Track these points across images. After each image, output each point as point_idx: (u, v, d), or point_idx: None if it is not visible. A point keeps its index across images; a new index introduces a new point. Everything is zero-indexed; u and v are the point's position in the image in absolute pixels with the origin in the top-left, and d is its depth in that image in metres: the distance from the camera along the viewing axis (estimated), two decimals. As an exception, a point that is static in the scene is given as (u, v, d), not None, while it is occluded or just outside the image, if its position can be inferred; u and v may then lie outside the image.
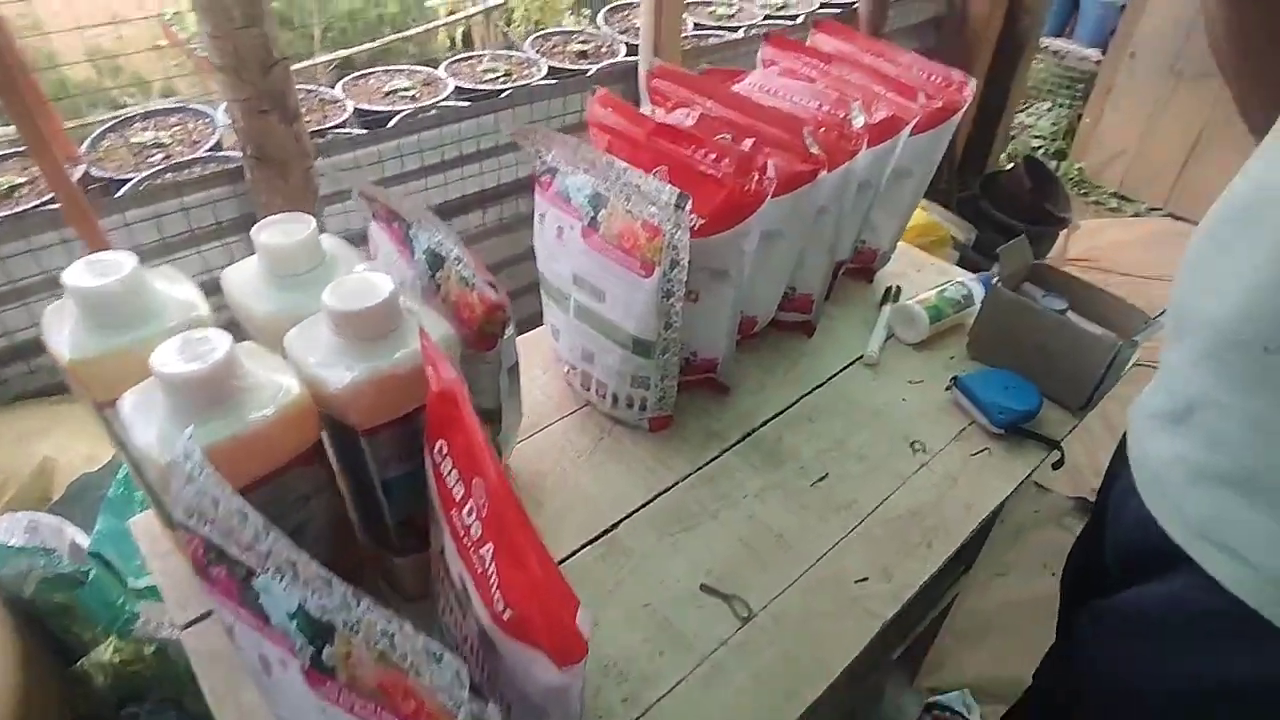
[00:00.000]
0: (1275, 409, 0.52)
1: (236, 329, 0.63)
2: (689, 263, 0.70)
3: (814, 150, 0.78)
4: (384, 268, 0.71)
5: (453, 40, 3.72)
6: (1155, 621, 0.63)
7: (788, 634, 0.67)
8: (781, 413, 0.89)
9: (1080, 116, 3.32)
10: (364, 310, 0.52)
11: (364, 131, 1.37)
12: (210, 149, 1.45)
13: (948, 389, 0.91)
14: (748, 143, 0.81)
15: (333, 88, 1.74)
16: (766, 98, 0.90)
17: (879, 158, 0.88)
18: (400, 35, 2.90)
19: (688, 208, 0.66)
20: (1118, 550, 0.71)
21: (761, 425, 0.87)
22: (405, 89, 1.74)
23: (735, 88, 0.92)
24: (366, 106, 1.66)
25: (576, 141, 0.74)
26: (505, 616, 0.42)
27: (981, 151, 2.83)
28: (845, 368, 0.95)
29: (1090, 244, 2.86)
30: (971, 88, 0.93)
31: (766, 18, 2.23)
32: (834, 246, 0.93)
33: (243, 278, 0.61)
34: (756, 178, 0.72)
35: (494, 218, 1.63)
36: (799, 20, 2.19)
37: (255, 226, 0.59)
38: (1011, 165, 2.63)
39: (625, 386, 0.81)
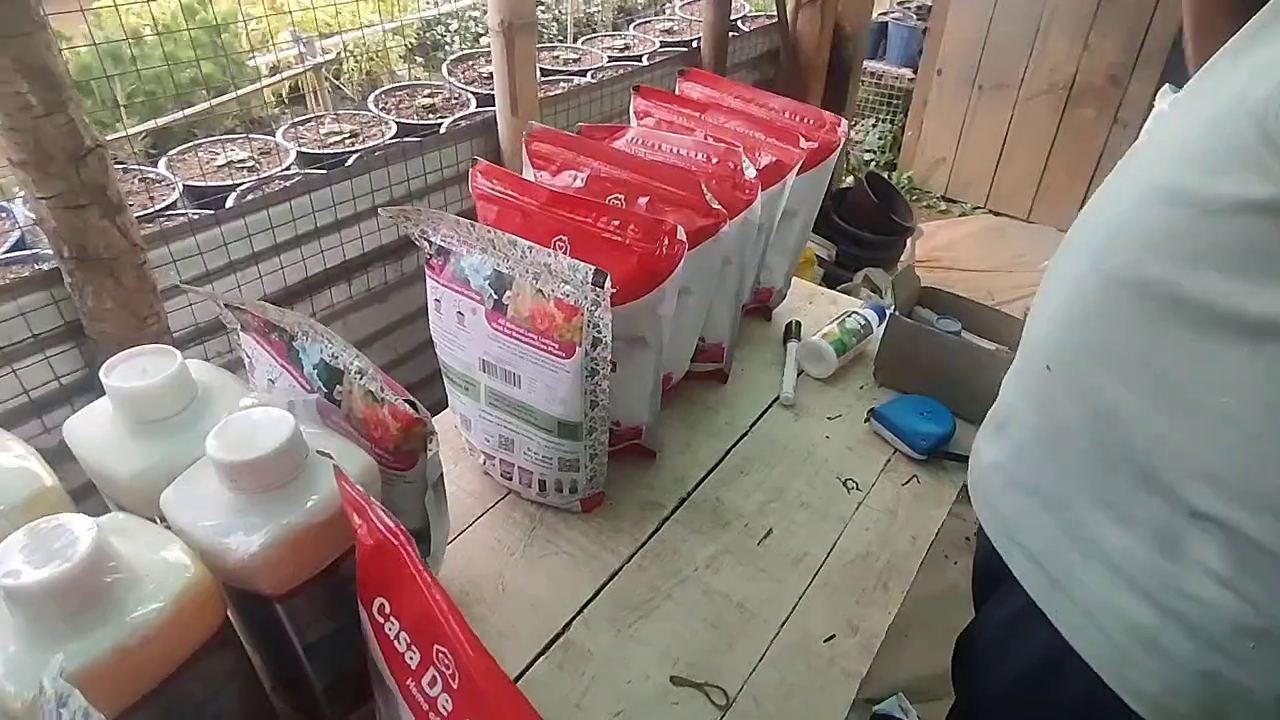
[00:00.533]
0: (1051, 424, 0.57)
1: (80, 491, 0.52)
2: (608, 336, 0.66)
3: (714, 205, 0.77)
4: (264, 389, 0.62)
5: (280, 99, 3.50)
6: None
7: (771, 714, 0.63)
8: (713, 469, 0.86)
9: (903, 129, 3.60)
10: (264, 458, 0.44)
11: (205, 213, 1.23)
12: (9, 250, 1.26)
13: (866, 420, 0.91)
14: (642, 201, 0.79)
15: (154, 164, 1.56)
16: (652, 153, 0.88)
17: (769, 203, 0.89)
18: (222, 99, 2.69)
19: (607, 285, 0.62)
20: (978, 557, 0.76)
21: (696, 486, 0.84)
22: (240, 161, 1.59)
23: (617, 144, 0.90)
24: (199, 183, 1.50)
25: (468, 222, 0.68)
26: None
27: (825, 170, 3.00)
28: (765, 411, 0.94)
29: (930, 246, 3.09)
30: (844, 128, 0.96)
31: (611, 59, 2.25)
32: (739, 293, 0.92)
33: (94, 430, 0.50)
34: (667, 242, 0.69)
35: (361, 288, 1.52)
36: (644, 61, 2.22)
37: (104, 368, 0.49)
38: (854, 182, 2.80)
39: (553, 471, 0.76)
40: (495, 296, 0.68)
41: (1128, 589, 0.51)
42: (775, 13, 2.35)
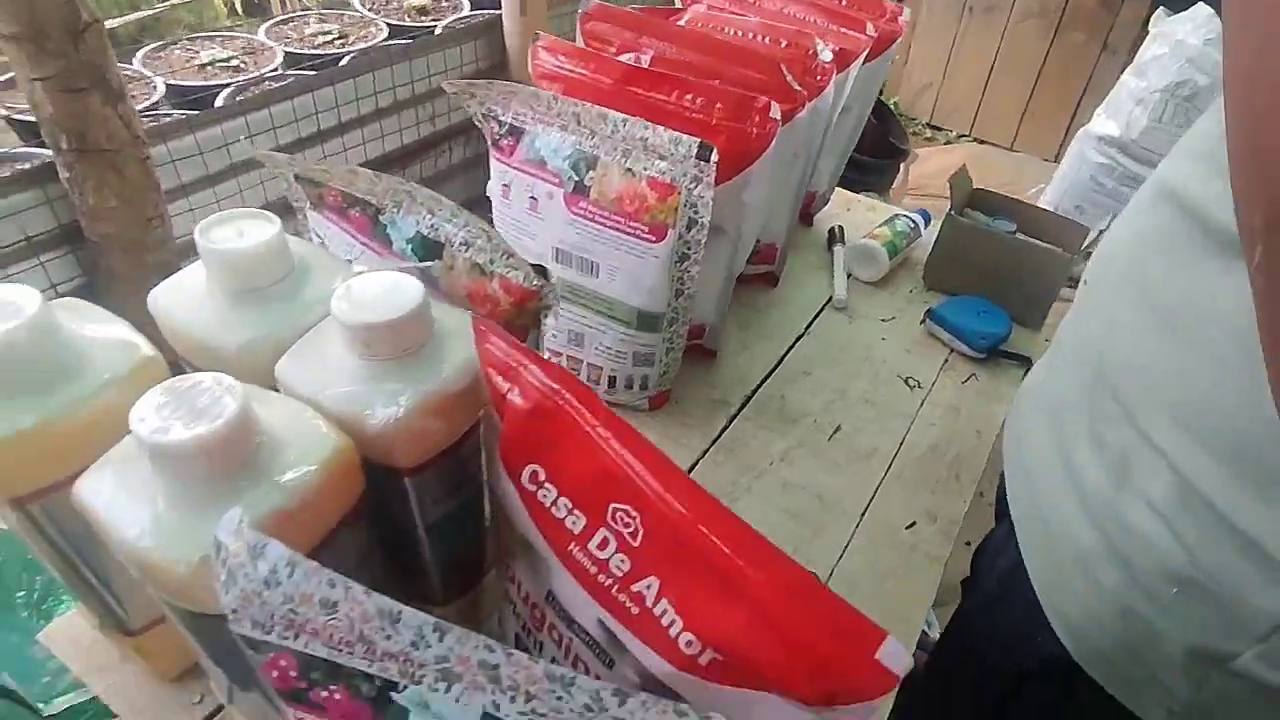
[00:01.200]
0: (1074, 339, 0.56)
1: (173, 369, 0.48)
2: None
3: (796, 87, 0.73)
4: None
5: (232, 7, 3.28)
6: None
7: (865, 598, 0.63)
8: (774, 369, 0.85)
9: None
10: (400, 319, 0.40)
11: (206, 110, 1.14)
12: (-16, 148, 1.15)
13: (923, 322, 0.91)
14: (714, 84, 0.74)
15: (130, 61, 1.44)
16: (717, 34, 0.83)
17: (836, 93, 0.85)
18: (168, 2, 2.50)
19: (713, 159, 0.58)
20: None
21: (760, 385, 0.82)
22: (223, 59, 1.48)
23: (677, 24, 0.85)
24: (181, 82, 1.39)
25: (549, 95, 0.63)
26: (704, 661, 0.35)
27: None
28: (818, 314, 0.93)
29: (918, 172, 3.08)
30: (906, 17, 0.92)
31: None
32: (799, 190, 0.89)
33: (188, 299, 0.46)
34: (758, 120, 0.66)
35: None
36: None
37: (197, 230, 0.45)
38: (846, 104, 2.75)
39: (626, 366, 0.73)
40: (576, 177, 0.64)
41: (1084, 513, 0.50)
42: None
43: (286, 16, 1.67)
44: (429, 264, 0.51)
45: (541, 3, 1.49)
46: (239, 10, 3.34)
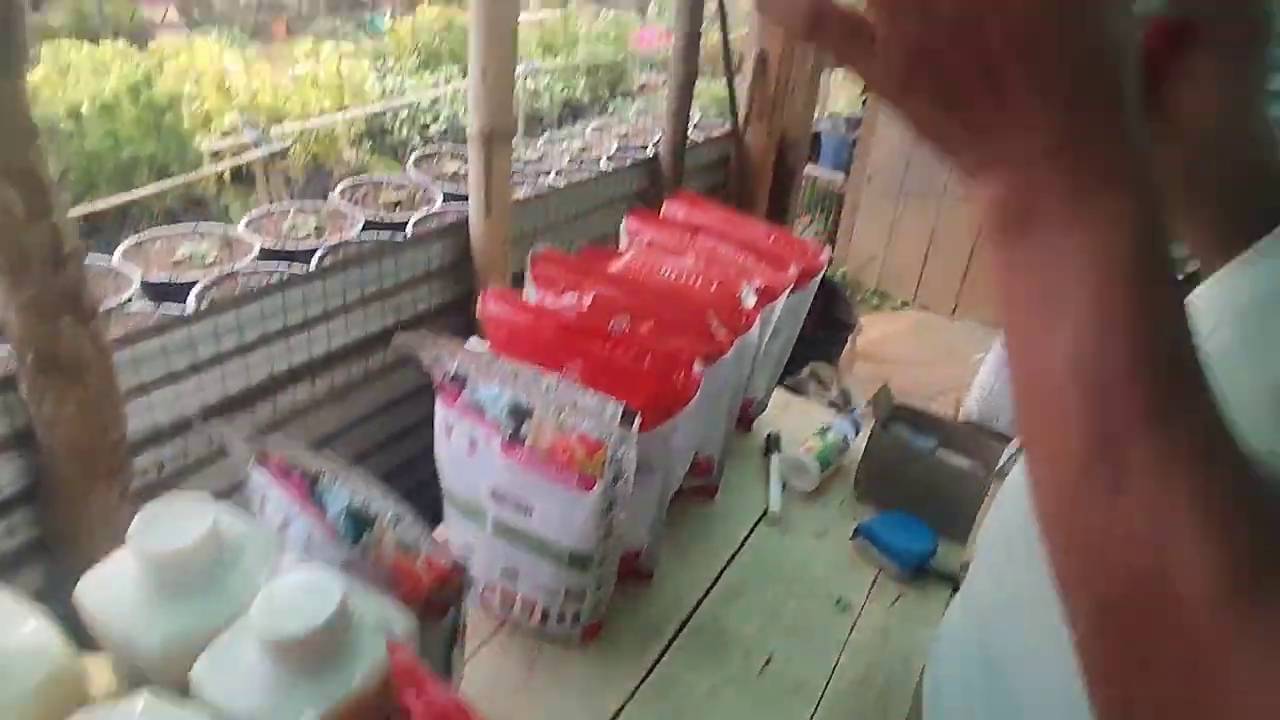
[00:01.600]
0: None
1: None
2: (626, 469, 0.67)
3: (720, 334, 0.80)
4: (276, 528, 0.60)
5: (221, 180, 3.45)
6: None
7: None
8: (709, 590, 0.86)
9: (837, 227, 3.82)
10: (313, 632, 0.42)
11: (172, 313, 1.19)
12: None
13: (853, 538, 0.94)
14: (646, 326, 0.81)
15: (108, 254, 1.51)
16: (653, 277, 0.91)
17: (763, 327, 0.93)
18: (168, 182, 2.63)
19: (636, 424, 0.63)
20: None
21: (695, 609, 0.84)
22: (200, 254, 1.56)
23: (617, 266, 0.93)
24: (157, 278, 1.46)
25: (488, 354, 0.69)
26: None
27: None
28: (754, 527, 0.96)
29: (866, 339, 3.24)
30: (826, 255, 1.02)
31: (571, 160, 2.33)
32: (731, 411, 0.94)
33: (113, 594, 0.47)
34: (682, 375, 0.72)
35: (324, 387, 1.48)
36: (600, 164, 2.31)
37: (133, 524, 0.47)
38: (797, 277, 2.94)
39: (558, 602, 0.74)
40: (513, 427, 0.69)
41: None
42: (728, 123, 2.49)
43: (267, 211, 1.78)
44: (358, 542, 0.54)
45: (506, 205, 1.62)
46: (228, 182, 3.51)
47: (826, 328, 2.62)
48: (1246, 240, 0.42)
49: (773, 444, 1.08)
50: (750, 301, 0.86)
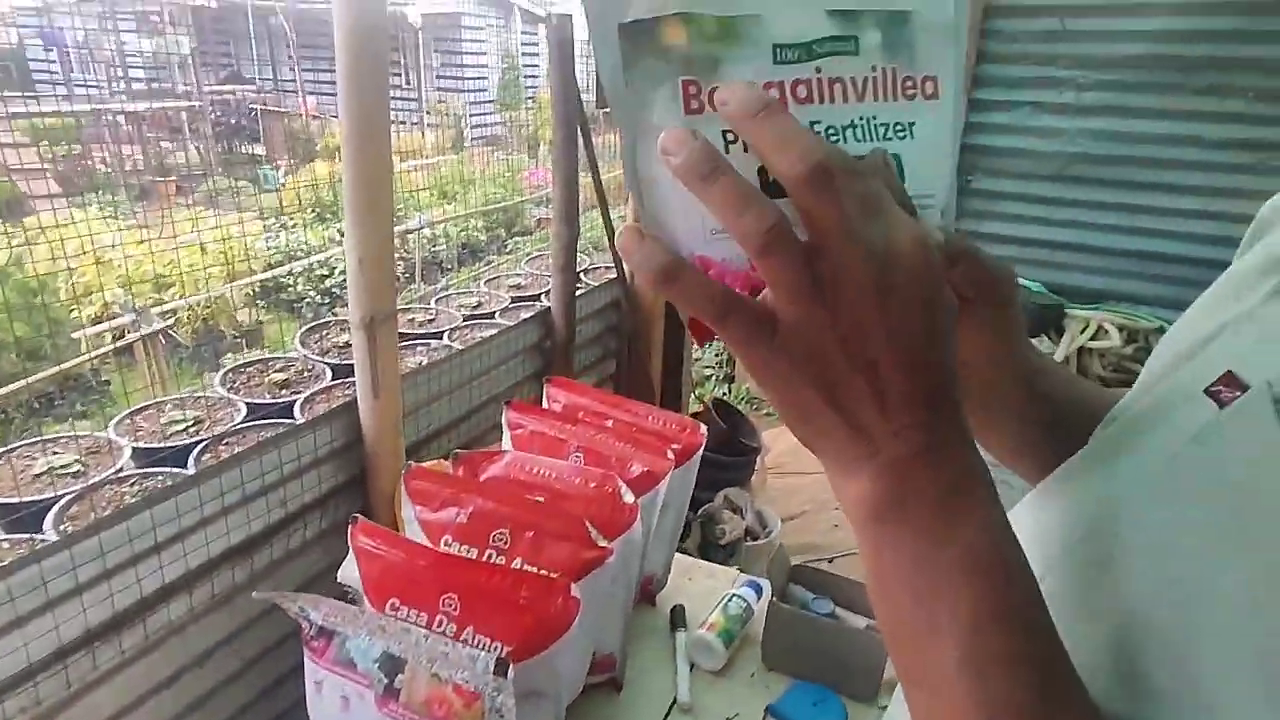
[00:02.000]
0: None
1: None
2: (511, 712, 0.65)
3: (600, 542, 0.80)
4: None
5: (103, 359, 3.29)
6: None
7: None
8: (619, 809, 0.82)
9: (736, 346, 3.97)
10: None
11: (21, 555, 1.09)
12: None
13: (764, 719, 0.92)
14: (528, 535, 0.81)
15: (-46, 482, 1.39)
16: (531, 478, 0.91)
17: (647, 510, 0.94)
18: (47, 373, 2.49)
19: (510, 674, 0.61)
20: None
21: (605, 835, 0.79)
22: (62, 466, 1.46)
23: (495, 469, 0.93)
24: (11, 500, 1.35)
25: (354, 608, 0.66)
26: None
27: (675, 401, 3.20)
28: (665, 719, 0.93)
29: (775, 454, 3.32)
30: (703, 430, 1.05)
31: (465, 318, 2.36)
32: (626, 603, 0.93)
33: None
34: (560, 600, 0.71)
35: (204, 597, 1.37)
36: (495, 316, 2.35)
37: None
38: (701, 408, 3.00)
39: None
40: (386, 680, 0.65)
41: None
42: (612, 265, 2.59)
43: (140, 406, 1.70)
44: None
45: (395, 383, 1.61)
46: (111, 356, 3.32)
47: (733, 453, 2.67)
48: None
49: (678, 619, 1.07)
50: (629, 499, 0.87)
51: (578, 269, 2.44)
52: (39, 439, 1.54)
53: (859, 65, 0.32)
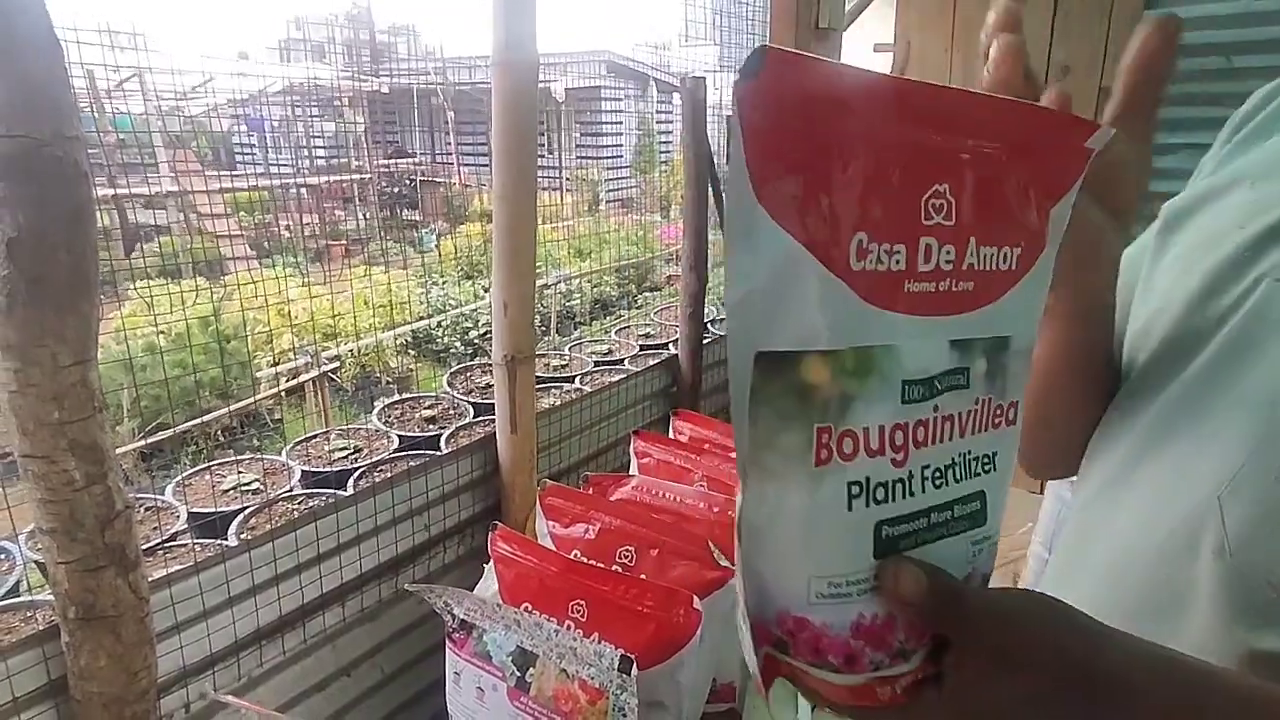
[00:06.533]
0: None
1: None
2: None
3: (721, 561, 0.82)
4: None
5: (278, 397, 3.66)
6: None
7: None
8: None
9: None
10: None
11: (210, 551, 1.25)
12: (7, 593, 1.25)
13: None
14: (653, 553, 0.84)
15: (161, 492, 1.61)
16: (656, 500, 0.95)
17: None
18: (233, 407, 2.80)
19: (634, 672, 0.64)
20: None
21: None
22: (245, 484, 1.65)
23: (622, 492, 0.97)
24: (204, 509, 1.54)
25: (494, 601, 0.72)
26: None
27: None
28: (783, 759, 0.91)
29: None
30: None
31: (596, 363, 2.46)
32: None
33: None
34: (682, 611, 0.73)
35: (354, 609, 1.49)
36: (624, 363, 2.43)
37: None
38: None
39: None
40: (518, 673, 0.70)
41: None
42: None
43: (309, 435, 1.90)
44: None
45: (530, 419, 1.70)
46: (284, 396, 3.71)
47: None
48: None
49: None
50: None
51: (705, 319, 2.50)
52: (232, 459, 1.74)
53: (967, 399, 0.31)
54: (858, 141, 0.26)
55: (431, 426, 1.96)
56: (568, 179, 9.13)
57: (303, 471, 1.70)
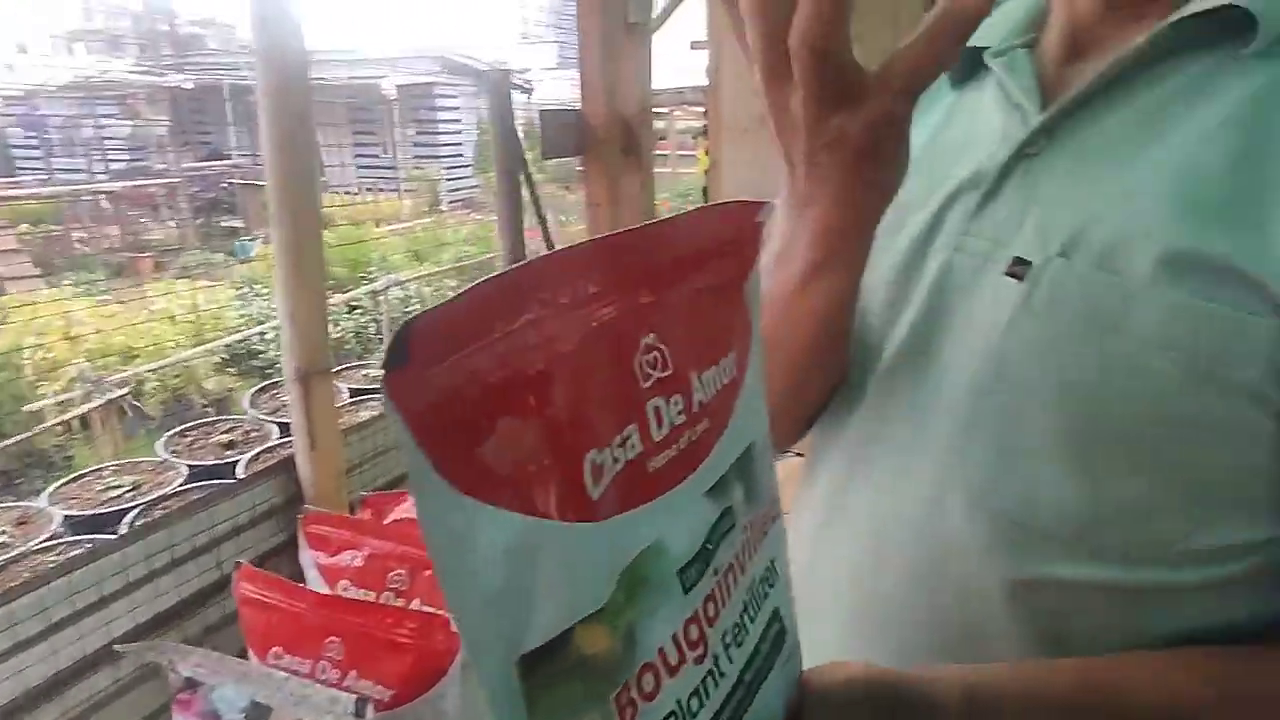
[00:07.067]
0: None
1: None
2: (384, 756, 0.61)
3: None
4: None
5: (68, 430, 3.26)
6: None
7: None
8: None
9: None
10: None
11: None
12: None
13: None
14: (426, 574, 0.78)
15: None
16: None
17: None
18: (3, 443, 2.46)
19: (369, 714, 0.58)
20: None
21: None
22: (-12, 539, 1.42)
23: (399, 512, 0.90)
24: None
25: (217, 654, 0.63)
26: None
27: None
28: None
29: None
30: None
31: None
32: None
33: None
34: (442, 637, 0.68)
35: (107, 680, 1.30)
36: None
37: None
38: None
39: None
40: (251, 732, 0.62)
41: None
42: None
43: (77, 474, 1.66)
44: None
45: (334, 437, 1.58)
46: (72, 428, 3.29)
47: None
48: None
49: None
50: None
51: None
52: (-34, 511, 1.50)
53: (737, 537, 0.28)
54: (540, 362, 0.22)
55: (229, 453, 1.78)
56: (405, 180, 8.75)
57: (65, 517, 1.49)
